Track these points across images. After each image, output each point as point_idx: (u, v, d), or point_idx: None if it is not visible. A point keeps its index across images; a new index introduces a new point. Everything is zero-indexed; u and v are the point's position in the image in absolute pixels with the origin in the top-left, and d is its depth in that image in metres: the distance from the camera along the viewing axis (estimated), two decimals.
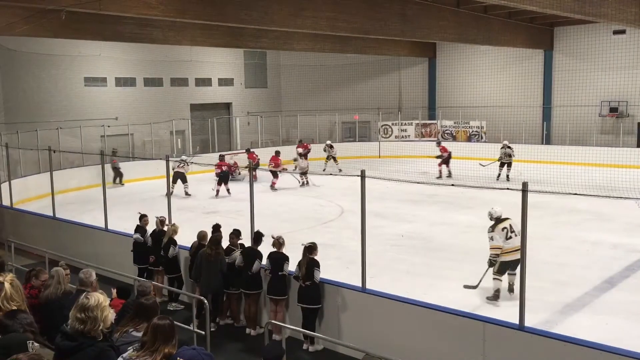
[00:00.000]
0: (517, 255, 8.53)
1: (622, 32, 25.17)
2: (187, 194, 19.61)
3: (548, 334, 6.51)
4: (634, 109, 25.35)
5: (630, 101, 25.35)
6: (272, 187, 20.49)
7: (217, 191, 19.73)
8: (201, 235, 9.36)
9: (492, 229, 9.22)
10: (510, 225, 9.08)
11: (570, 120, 26.55)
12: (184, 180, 19.74)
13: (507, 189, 7.92)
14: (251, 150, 23.87)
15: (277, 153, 21.41)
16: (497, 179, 20.47)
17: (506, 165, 21.03)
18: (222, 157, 21.78)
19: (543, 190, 16.09)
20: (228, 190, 19.59)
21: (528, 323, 6.53)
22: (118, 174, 22.38)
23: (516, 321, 6.45)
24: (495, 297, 9.23)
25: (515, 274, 9.12)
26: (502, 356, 6.53)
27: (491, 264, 9.21)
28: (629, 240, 12.81)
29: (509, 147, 21.22)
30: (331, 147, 24.16)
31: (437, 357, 7.04)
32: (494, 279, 9.24)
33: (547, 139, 27.11)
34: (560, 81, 27.63)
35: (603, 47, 26.09)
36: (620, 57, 25.60)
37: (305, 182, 21.45)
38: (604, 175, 17.20)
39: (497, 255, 9.10)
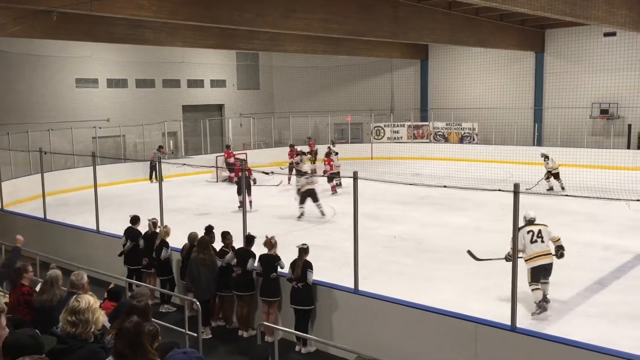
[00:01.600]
0: (544, 261, 8.64)
1: (613, 34, 25.34)
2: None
3: (540, 335, 6.54)
4: (624, 110, 25.52)
5: (621, 103, 25.51)
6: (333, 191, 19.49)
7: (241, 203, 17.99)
8: (192, 237, 9.33)
9: (519, 229, 8.26)
10: (540, 231, 8.81)
11: (561, 122, 26.70)
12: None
13: (499, 190, 7.95)
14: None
15: (334, 153, 20.87)
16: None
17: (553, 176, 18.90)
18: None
19: (535, 192, 16.18)
20: (250, 202, 16.38)
21: (520, 324, 6.55)
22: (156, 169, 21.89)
23: (508, 322, 6.47)
24: (540, 309, 8.63)
25: (547, 282, 8.82)
26: (494, 357, 6.55)
27: (507, 259, 8.76)
28: (620, 241, 12.88)
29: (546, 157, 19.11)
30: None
31: (430, 358, 7.05)
32: (532, 290, 8.72)
33: (538, 141, 27.23)
34: (551, 83, 27.78)
35: (594, 50, 26.26)
36: (611, 59, 25.77)
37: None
38: (595, 176, 17.29)
39: (509, 254, 8.52)
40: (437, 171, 22.62)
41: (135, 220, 10.46)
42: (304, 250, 8.12)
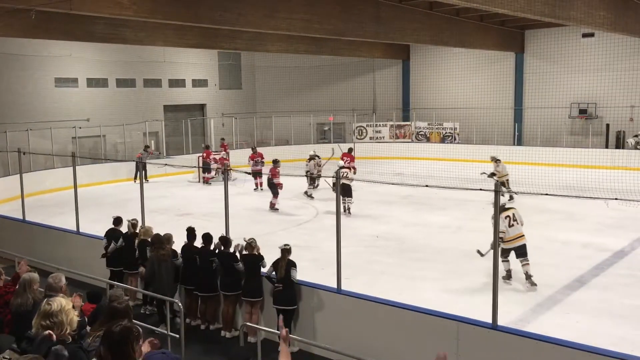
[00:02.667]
0: (520, 242, 10.01)
1: (591, 35, 25.69)
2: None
3: (520, 333, 6.61)
4: (602, 110, 25.88)
5: (599, 103, 25.87)
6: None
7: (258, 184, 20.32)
8: (166, 238, 9.31)
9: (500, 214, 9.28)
10: (513, 215, 10.01)
11: (541, 121, 26.99)
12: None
13: (480, 189, 8.01)
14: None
15: (350, 150, 19.95)
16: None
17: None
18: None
19: (514, 191, 16.32)
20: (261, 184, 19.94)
21: (501, 322, 6.61)
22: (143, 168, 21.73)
23: (489, 320, 6.53)
24: (508, 276, 10.23)
25: (527, 263, 9.99)
26: (475, 355, 6.60)
27: (493, 246, 9.20)
28: (598, 239, 13.06)
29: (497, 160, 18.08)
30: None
31: (412, 357, 7.08)
32: (502, 261, 10.00)
33: (518, 140, 27.50)
34: (531, 83, 28.07)
35: (572, 50, 26.59)
36: (589, 59, 26.13)
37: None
38: (574, 175, 17.51)
39: (502, 239, 9.65)
40: (419, 171, 22.75)
41: (118, 221, 10.35)
42: (286, 251, 8.12)
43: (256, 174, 19.97)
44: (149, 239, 9.54)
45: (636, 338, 7.85)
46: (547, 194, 11.83)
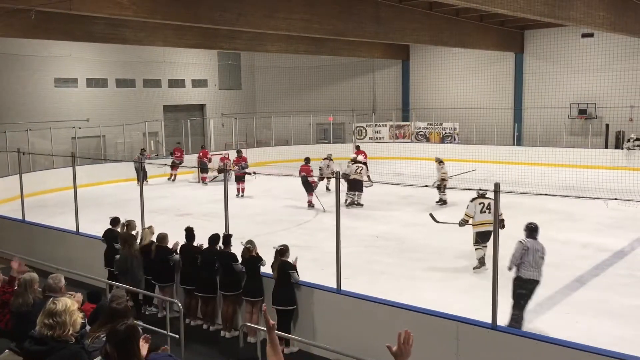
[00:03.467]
0: (487, 228, 10.39)
1: (591, 35, 25.70)
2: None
3: (520, 333, 6.61)
4: (602, 110, 25.89)
5: (599, 103, 25.88)
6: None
7: (240, 190, 19.46)
8: (160, 237, 9.33)
9: (472, 200, 10.87)
10: (489, 204, 10.49)
11: (541, 121, 27.00)
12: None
13: (480, 189, 8.02)
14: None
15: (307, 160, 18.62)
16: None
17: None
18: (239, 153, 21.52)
19: (514, 191, 16.33)
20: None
21: (501, 322, 6.61)
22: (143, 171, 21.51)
23: (489, 320, 6.53)
24: (480, 264, 10.78)
25: (486, 246, 10.63)
26: (475, 355, 6.60)
27: (460, 224, 11.05)
28: (598, 239, 13.06)
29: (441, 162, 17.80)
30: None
31: (412, 357, 7.07)
32: (475, 249, 10.85)
33: (518, 140, 27.51)
34: (531, 83, 28.08)
35: (572, 50, 26.60)
36: (589, 60, 26.13)
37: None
38: (573, 175, 17.51)
39: (467, 220, 10.83)
40: (419, 171, 22.78)
41: (115, 222, 10.34)
42: (279, 252, 8.13)
43: (239, 179, 19.54)
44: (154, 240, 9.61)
45: (636, 338, 7.85)
46: (546, 194, 11.84)
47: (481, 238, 10.61)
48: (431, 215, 11.67)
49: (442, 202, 17.25)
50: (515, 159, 23.83)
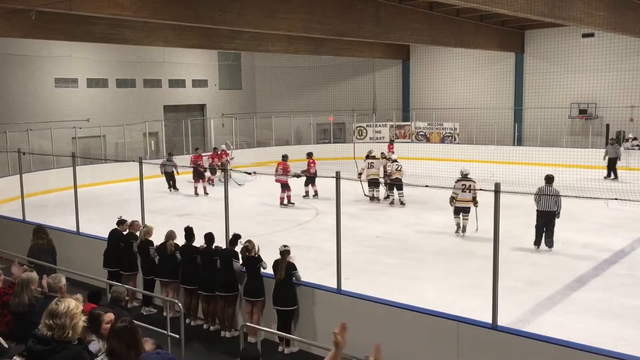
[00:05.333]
0: (465, 205, 13.42)
1: (591, 35, 25.69)
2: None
3: (521, 333, 6.60)
4: (602, 110, 25.88)
5: (599, 103, 25.87)
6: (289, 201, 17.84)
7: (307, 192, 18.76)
8: (168, 235, 9.32)
9: (457, 181, 13.55)
10: (470, 185, 13.24)
11: (541, 121, 26.98)
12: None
13: (480, 189, 8.03)
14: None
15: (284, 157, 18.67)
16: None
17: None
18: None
19: (514, 191, 16.31)
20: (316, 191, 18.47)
21: (501, 322, 6.61)
22: (171, 178, 20.70)
23: (489, 320, 6.52)
24: (458, 229, 13.62)
25: (467, 219, 13.47)
26: (476, 355, 6.60)
27: (450, 202, 13.58)
28: (598, 239, 13.06)
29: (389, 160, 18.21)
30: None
31: (412, 357, 7.08)
32: (454, 218, 13.69)
33: (518, 140, 27.52)
34: (531, 83, 28.08)
35: (572, 50, 26.59)
36: (589, 59, 26.12)
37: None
38: (574, 175, 17.50)
39: (454, 198, 13.39)
40: (419, 171, 22.77)
41: (121, 222, 10.35)
42: (287, 252, 8.12)
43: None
44: (150, 239, 9.60)
45: (636, 338, 7.85)
46: (547, 194, 11.83)
47: (459, 211, 13.52)
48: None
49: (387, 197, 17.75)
50: (516, 159, 23.81)
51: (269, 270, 8.34)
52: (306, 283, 8.20)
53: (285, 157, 18.45)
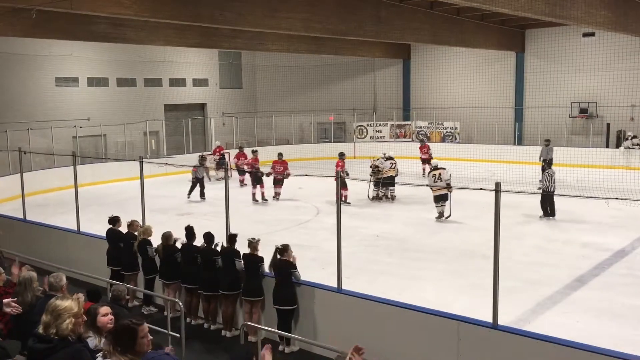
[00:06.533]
0: (440, 192, 14.81)
1: (592, 34, 25.66)
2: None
3: (521, 332, 6.61)
4: (603, 110, 25.87)
5: (600, 102, 25.86)
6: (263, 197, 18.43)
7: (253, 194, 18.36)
8: (166, 236, 9.33)
9: (428, 173, 15.80)
10: (440, 174, 15.17)
11: (542, 121, 26.96)
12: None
13: (481, 189, 7.99)
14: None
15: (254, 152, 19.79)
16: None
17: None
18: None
19: (515, 190, 16.32)
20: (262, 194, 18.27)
21: (501, 322, 6.61)
22: (200, 184, 19.00)
23: (490, 320, 6.53)
24: (440, 216, 15.03)
25: (444, 206, 14.91)
26: (476, 354, 6.60)
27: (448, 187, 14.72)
28: (598, 239, 13.06)
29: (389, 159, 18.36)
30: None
31: (413, 356, 7.09)
32: (436, 207, 15.05)
33: (519, 140, 27.49)
34: (532, 83, 28.06)
35: (573, 50, 26.57)
36: (590, 59, 26.10)
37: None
38: (574, 175, 17.50)
39: (431, 188, 14.83)
40: (419, 170, 22.80)
41: (113, 221, 10.34)
42: (279, 251, 8.13)
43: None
44: (148, 238, 9.60)
45: (636, 338, 7.85)
46: (547, 193, 11.83)
47: (437, 200, 14.97)
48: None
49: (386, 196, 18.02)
50: (516, 158, 23.79)
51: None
52: (306, 282, 8.20)
53: (280, 155, 19.01)
